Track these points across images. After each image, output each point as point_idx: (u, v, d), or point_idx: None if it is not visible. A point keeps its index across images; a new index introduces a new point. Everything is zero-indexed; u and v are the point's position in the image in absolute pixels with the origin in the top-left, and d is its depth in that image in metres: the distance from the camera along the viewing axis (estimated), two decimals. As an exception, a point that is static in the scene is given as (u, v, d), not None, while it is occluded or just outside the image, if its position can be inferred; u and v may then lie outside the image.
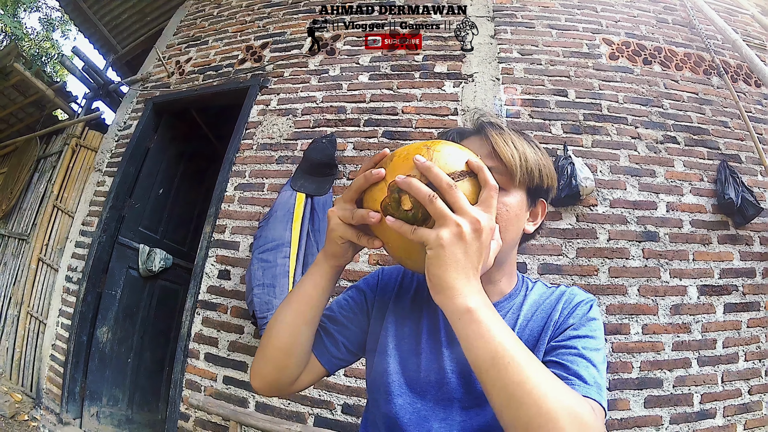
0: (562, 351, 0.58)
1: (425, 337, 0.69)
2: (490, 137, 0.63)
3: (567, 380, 0.52)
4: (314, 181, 2.17)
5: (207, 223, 2.38)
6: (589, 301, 0.66)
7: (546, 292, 0.71)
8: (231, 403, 1.93)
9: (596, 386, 0.53)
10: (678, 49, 2.51)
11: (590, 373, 0.54)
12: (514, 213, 0.62)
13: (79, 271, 2.74)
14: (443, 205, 0.47)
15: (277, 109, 2.53)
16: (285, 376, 0.66)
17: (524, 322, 0.66)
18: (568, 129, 2.20)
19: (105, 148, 3.09)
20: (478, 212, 0.48)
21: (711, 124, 2.30)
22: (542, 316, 0.66)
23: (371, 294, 0.77)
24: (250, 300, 1.95)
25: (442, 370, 0.65)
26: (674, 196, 2.09)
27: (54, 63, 8.89)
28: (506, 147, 0.62)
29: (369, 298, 0.77)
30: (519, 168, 0.61)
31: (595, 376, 0.54)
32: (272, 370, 0.65)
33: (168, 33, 3.40)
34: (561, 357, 0.57)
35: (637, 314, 1.88)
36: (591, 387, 0.53)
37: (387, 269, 0.81)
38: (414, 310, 0.72)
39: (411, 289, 0.76)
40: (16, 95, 3.85)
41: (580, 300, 0.66)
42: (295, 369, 0.66)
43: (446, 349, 0.67)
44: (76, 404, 2.55)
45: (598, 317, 0.64)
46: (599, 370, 0.56)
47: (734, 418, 1.80)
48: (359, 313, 0.75)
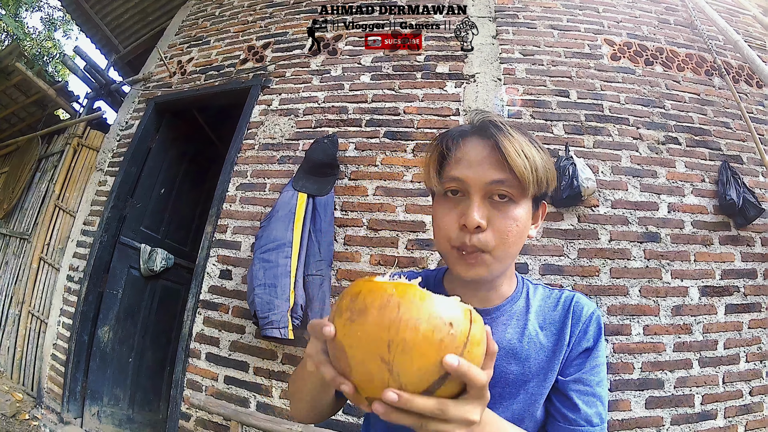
0: (578, 388, 0.63)
1: None
2: (502, 147, 0.59)
3: (577, 424, 0.62)
4: (316, 181, 2.17)
5: (208, 222, 2.38)
6: (595, 313, 0.68)
7: (549, 298, 0.71)
8: (232, 403, 1.94)
9: (600, 420, 0.62)
10: (680, 50, 2.51)
11: (598, 411, 0.63)
12: (523, 225, 0.61)
13: (80, 270, 2.74)
14: (440, 426, 0.42)
15: (279, 109, 2.53)
16: (320, 416, 0.70)
17: (533, 332, 0.67)
18: (569, 129, 2.20)
19: (106, 148, 3.10)
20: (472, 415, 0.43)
21: (712, 124, 2.30)
22: (552, 331, 0.67)
23: None
24: (251, 300, 1.95)
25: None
26: (676, 197, 2.09)
27: (56, 63, 8.90)
28: (518, 158, 0.58)
29: None
30: (531, 181, 0.59)
31: (602, 412, 0.63)
32: (307, 417, 0.70)
33: (170, 33, 3.40)
34: (576, 395, 0.63)
35: (639, 315, 1.88)
36: (596, 427, 0.62)
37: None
38: None
39: None
40: (17, 95, 3.85)
41: (589, 315, 0.67)
42: (327, 409, 0.69)
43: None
44: (77, 404, 2.55)
45: (602, 329, 0.67)
46: (605, 402, 0.64)
47: (735, 419, 1.80)
48: None
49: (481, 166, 0.60)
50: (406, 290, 0.41)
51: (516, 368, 0.65)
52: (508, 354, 0.66)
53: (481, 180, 0.59)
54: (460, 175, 0.60)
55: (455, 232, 0.60)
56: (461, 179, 0.60)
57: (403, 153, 2.23)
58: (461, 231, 0.59)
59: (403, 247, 2.06)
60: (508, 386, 0.65)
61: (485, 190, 0.59)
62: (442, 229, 0.62)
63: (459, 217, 0.60)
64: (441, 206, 0.63)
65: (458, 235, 0.59)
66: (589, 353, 0.65)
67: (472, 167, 0.60)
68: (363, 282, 0.44)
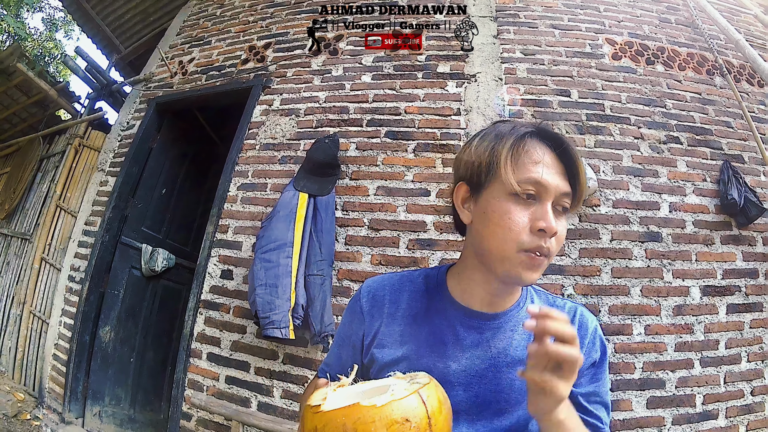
0: (590, 399, 0.67)
1: (427, 351, 0.67)
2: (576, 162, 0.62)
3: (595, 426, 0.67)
4: (317, 181, 2.17)
5: (210, 223, 2.39)
6: (599, 327, 0.72)
7: (554, 306, 0.72)
8: (233, 403, 1.94)
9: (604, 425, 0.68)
10: (681, 49, 2.50)
11: (604, 415, 0.68)
12: (564, 235, 0.62)
13: (81, 270, 2.75)
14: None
15: (280, 109, 2.53)
16: None
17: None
18: (570, 129, 2.19)
19: (108, 148, 3.10)
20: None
21: (714, 124, 2.29)
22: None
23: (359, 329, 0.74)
24: (252, 300, 1.95)
25: (448, 384, 0.63)
26: (677, 197, 2.09)
27: (57, 63, 8.93)
28: (583, 175, 0.62)
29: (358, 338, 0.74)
30: (583, 195, 0.63)
31: (606, 418, 0.68)
32: None
33: (171, 33, 3.41)
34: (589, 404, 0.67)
35: (640, 315, 1.88)
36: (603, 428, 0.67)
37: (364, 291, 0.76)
38: (414, 326, 0.70)
39: (401, 302, 0.73)
40: (19, 95, 3.86)
41: (594, 327, 0.71)
42: None
43: (453, 362, 0.66)
44: (78, 403, 2.55)
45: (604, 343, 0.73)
46: (609, 409, 0.70)
47: (737, 419, 1.80)
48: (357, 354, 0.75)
49: (558, 175, 0.61)
50: (354, 414, 0.43)
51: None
52: (514, 360, 0.66)
53: (557, 188, 0.60)
54: (542, 180, 0.59)
55: (528, 234, 0.59)
56: (542, 184, 0.59)
57: (404, 153, 2.23)
58: (534, 234, 0.59)
59: (404, 247, 2.06)
60: (514, 392, 0.65)
61: (556, 198, 0.61)
62: (511, 230, 0.59)
63: (532, 220, 0.59)
64: (512, 206, 0.60)
65: (532, 238, 0.59)
66: (598, 365, 0.69)
67: (551, 174, 0.60)
68: (312, 415, 0.46)
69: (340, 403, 0.45)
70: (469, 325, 0.67)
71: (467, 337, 0.67)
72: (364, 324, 0.73)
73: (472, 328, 0.67)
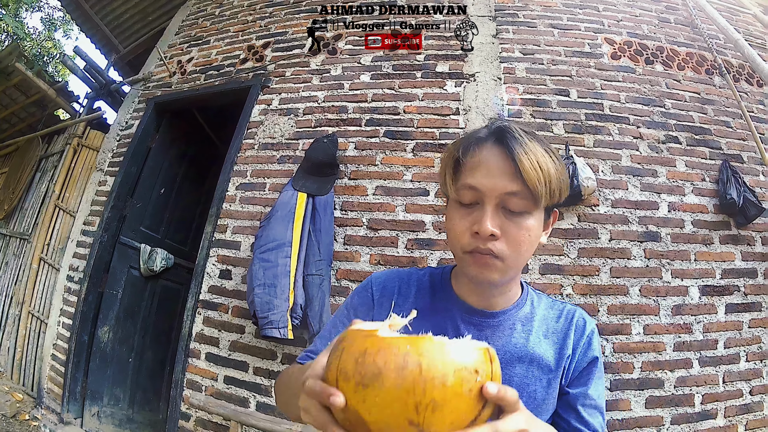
0: (585, 402, 0.67)
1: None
2: (518, 159, 0.58)
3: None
4: (316, 180, 2.17)
5: (208, 222, 2.38)
6: (595, 329, 0.72)
7: (553, 309, 0.73)
8: (232, 403, 1.94)
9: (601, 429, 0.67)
10: (680, 49, 2.50)
11: (600, 422, 0.67)
12: (535, 235, 0.62)
13: (80, 270, 2.75)
14: None
15: (279, 108, 2.53)
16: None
17: (537, 338, 0.69)
18: (569, 129, 2.19)
19: (106, 148, 3.10)
20: None
21: (713, 124, 2.29)
22: (555, 341, 0.70)
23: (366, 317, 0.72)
24: (251, 300, 1.95)
25: None
26: (676, 196, 2.09)
27: (56, 63, 8.92)
28: (533, 171, 0.58)
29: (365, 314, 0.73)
30: (544, 193, 0.59)
31: (603, 423, 0.68)
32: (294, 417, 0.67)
33: (170, 33, 3.40)
34: (583, 408, 0.67)
35: (639, 314, 1.88)
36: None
37: (375, 281, 0.77)
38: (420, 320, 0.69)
39: (410, 296, 0.74)
40: (17, 95, 3.86)
41: (591, 330, 0.71)
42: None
43: None
44: (77, 404, 2.55)
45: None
46: (604, 413, 0.69)
47: (735, 418, 1.80)
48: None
49: (496, 176, 0.60)
50: (422, 345, 0.38)
51: (520, 371, 0.66)
52: (513, 358, 0.67)
53: (495, 190, 0.59)
54: (476, 183, 0.60)
55: (467, 238, 0.61)
56: (476, 188, 0.60)
57: (403, 152, 2.23)
58: (473, 238, 0.60)
59: (403, 247, 2.06)
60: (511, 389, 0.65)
61: (499, 199, 0.60)
62: (456, 235, 0.63)
63: (472, 224, 0.60)
64: (455, 212, 0.64)
65: (470, 240, 0.61)
66: (593, 367, 0.69)
67: (488, 176, 0.60)
68: (364, 339, 0.40)
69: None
70: (469, 321, 0.69)
71: (467, 333, 0.67)
72: (372, 311, 0.73)
73: (472, 325, 0.69)
